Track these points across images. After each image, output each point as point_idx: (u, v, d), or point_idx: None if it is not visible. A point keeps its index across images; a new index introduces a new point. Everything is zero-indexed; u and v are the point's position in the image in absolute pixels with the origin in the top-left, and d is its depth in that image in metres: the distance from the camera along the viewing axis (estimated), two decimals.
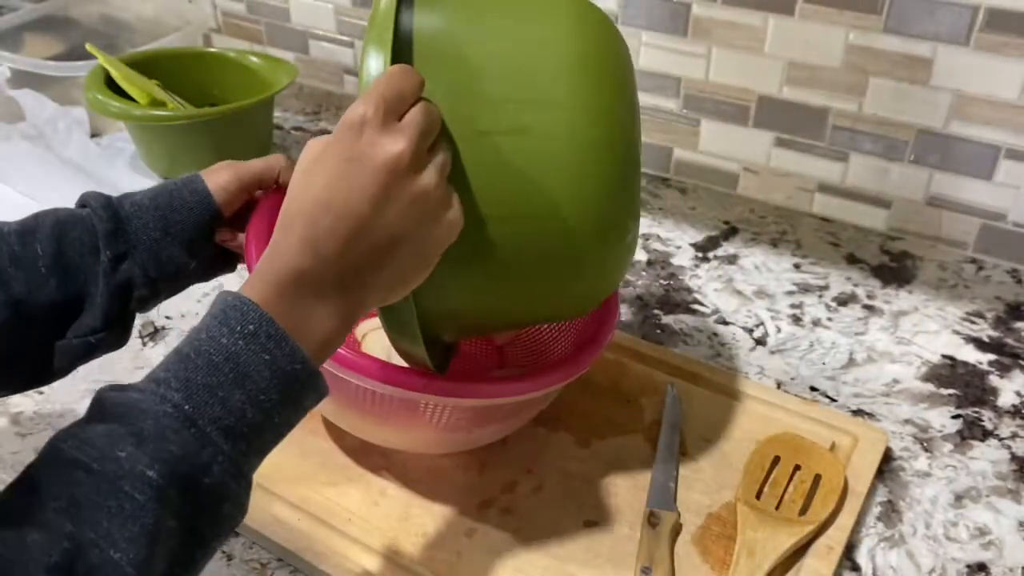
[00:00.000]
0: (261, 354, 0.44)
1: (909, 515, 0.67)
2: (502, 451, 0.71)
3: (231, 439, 0.43)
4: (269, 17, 1.33)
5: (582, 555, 0.63)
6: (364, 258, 0.47)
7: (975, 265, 0.95)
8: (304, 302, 0.46)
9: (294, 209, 0.47)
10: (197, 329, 0.45)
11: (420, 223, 0.47)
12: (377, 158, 0.45)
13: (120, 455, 0.40)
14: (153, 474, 0.40)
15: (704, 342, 0.84)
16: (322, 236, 0.46)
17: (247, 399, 0.43)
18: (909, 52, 0.89)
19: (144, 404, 0.42)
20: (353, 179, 0.45)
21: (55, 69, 1.13)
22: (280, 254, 0.46)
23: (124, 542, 0.39)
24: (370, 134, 0.45)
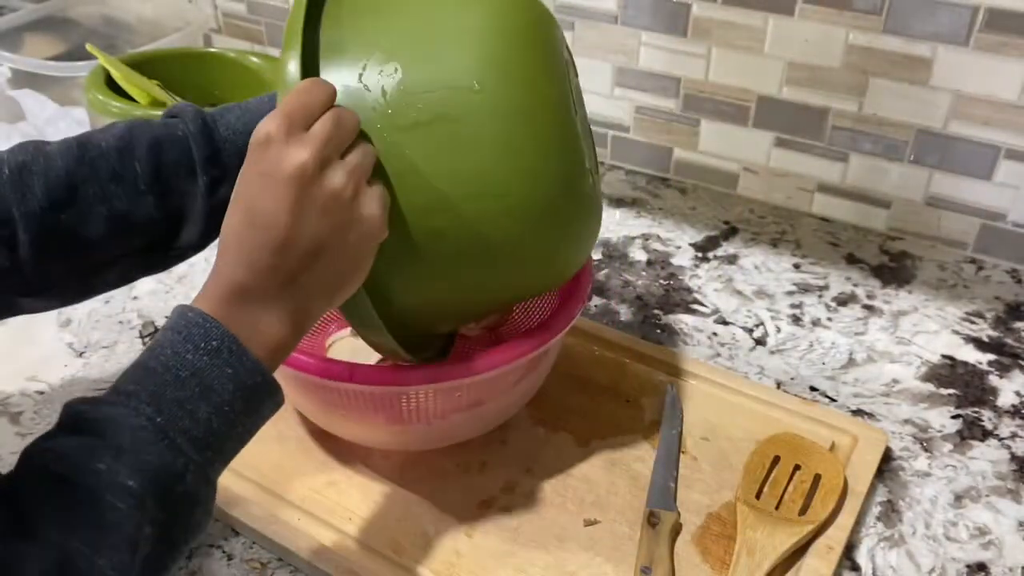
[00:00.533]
0: (224, 368, 0.46)
1: (909, 515, 0.67)
2: (502, 451, 0.71)
3: (199, 449, 0.45)
4: (269, 17, 1.33)
5: (582, 555, 0.63)
6: (296, 266, 0.48)
7: (975, 265, 0.95)
8: (251, 313, 0.48)
9: (226, 227, 0.49)
10: (160, 343, 0.47)
11: (338, 226, 0.49)
12: (284, 170, 0.47)
13: (100, 467, 0.42)
14: (133, 484, 0.42)
15: (704, 342, 0.84)
16: (252, 250, 0.48)
17: (213, 411, 0.46)
18: (909, 52, 0.89)
19: (119, 418, 0.43)
20: (267, 192, 0.47)
21: (55, 69, 1.13)
22: (221, 271, 0.49)
23: (108, 549, 0.41)
24: (276, 148, 0.47)
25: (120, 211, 0.58)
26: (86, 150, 0.58)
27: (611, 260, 0.96)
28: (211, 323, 0.47)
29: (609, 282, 0.92)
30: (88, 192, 0.57)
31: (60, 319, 0.86)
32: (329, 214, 0.48)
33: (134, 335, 0.84)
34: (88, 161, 0.57)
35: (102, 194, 0.57)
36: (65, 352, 0.82)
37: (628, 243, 0.98)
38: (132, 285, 0.91)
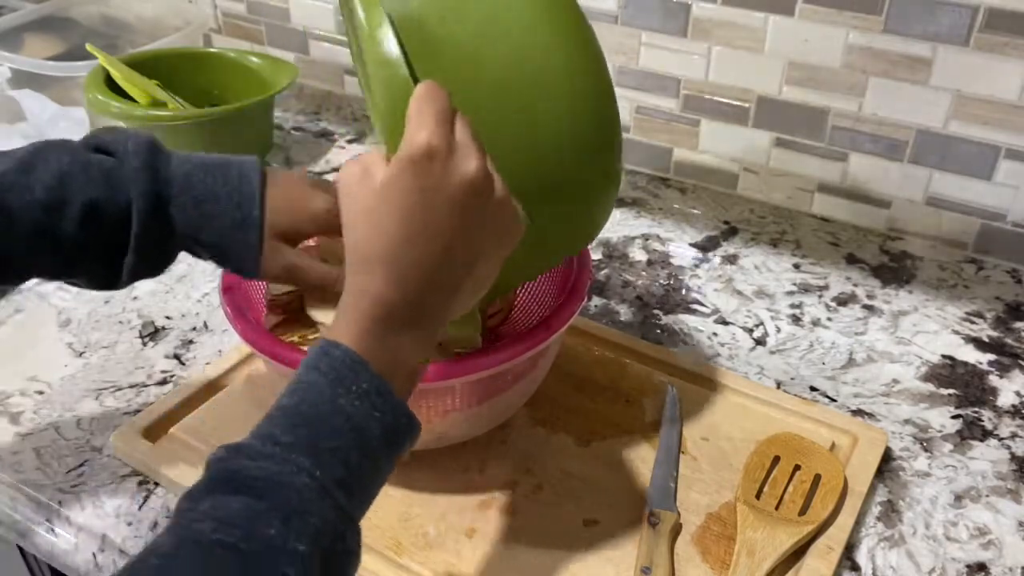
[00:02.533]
0: (373, 412, 0.44)
1: (909, 515, 0.67)
2: (502, 451, 0.71)
3: (350, 498, 0.43)
4: (269, 17, 1.33)
5: (582, 555, 0.63)
6: (448, 282, 0.47)
7: (975, 265, 0.95)
8: (395, 339, 0.46)
9: (369, 250, 0.46)
10: (308, 385, 0.44)
11: (499, 236, 0.48)
12: (455, 184, 0.45)
13: (269, 532, 0.39)
14: (304, 548, 0.40)
15: (704, 342, 0.84)
16: (407, 270, 0.46)
17: (362, 456, 0.44)
18: (909, 52, 0.89)
19: (283, 476, 0.41)
20: (432, 210, 0.45)
21: (55, 69, 1.13)
22: (365, 295, 0.46)
23: None
24: (441, 162, 0.45)
25: (41, 264, 0.57)
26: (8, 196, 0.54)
27: (611, 260, 0.96)
28: (359, 364, 0.45)
29: (609, 282, 0.92)
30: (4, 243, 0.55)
31: (60, 319, 0.86)
32: (492, 227, 0.47)
33: (134, 335, 0.84)
34: (7, 213, 0.54)
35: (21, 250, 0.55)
36: (65, 352, 0.82)
37: (628, 243, 0.98)
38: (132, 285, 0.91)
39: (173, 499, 0.68)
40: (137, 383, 0.78)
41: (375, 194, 0.46)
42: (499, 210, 0.47)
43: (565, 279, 0.69)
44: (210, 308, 0.88)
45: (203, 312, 0.87)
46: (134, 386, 0.78)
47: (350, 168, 0.48)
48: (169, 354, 0.82)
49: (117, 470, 0.70)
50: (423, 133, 0.45)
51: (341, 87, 1.33)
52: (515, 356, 0.61)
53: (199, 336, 0.84)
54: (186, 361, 0.81)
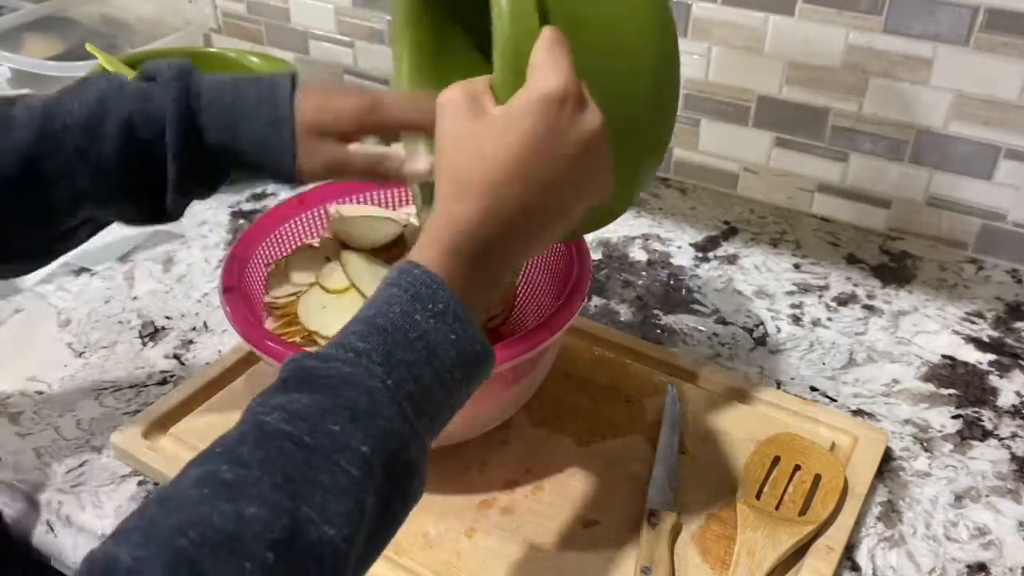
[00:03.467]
0: (448, 334, 0.44)
1: (909, 515, 0.67)
2: (502, 451, 0.71)
3: (419, 415, 0.43)
4: (269, 17, 1.33)
5: (582, 555, 0.63)
6: (540, 224, 0.47)
7: (975, 265, 0.95)
8: (476, 272, 0.46)
9: (472, 173, 0.46)
10: (385, 300, 0.45)
11: (594, 191, 0.49)
12: (579, 134, 0.46)
13: (333, 429, 0.40)
14: (367, 449, 0.40)
15: (704, 342, 0.84)
16: (506, 204, 0.46)
17: (435, 377, 0.44)
18: (909, 52, 0.89)
19: (354, 378, 0.42)
20: (550, 152, 0.46)
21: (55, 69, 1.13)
22: (458, 220, 0.46)
23: (337, 518, 0.38)
24: (571, 108, 0.46)
25: (85, 189, 0.56)
26: (51, 121, 0.55)
27: (611, 260, 0.96)
28: (438, 283, 0.45)
29: (609, 282, 0.92)
30: (50, 169, 0.55)
31: (60, 319, 0.86)
32: (592, 184, 0.49)
33: (134, 335, 0.84)
34: (51, 134, 0.55)
35: (65, 172, 0.55)
36: (65, 352, 0.82)
37: (628, 243, 0.98)
38: (132, 285, 0.91)
39: None
40: (137, 383, 0.78)
41: (490, 124, 0.46)
42: (604, 168, 0.49)
43: (565, 279, 0.69)
44: (210, 308, 0.88)
45: (203, 312, 0.87)
46: (134, 386, 0.78)
47: (455, 92, 0.48)
48: (169, 354, 0.82)
49: (117, 470, 0.70)
50: (560, 76, 0.45)
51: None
52: (515, 356, 0.61)
53: (199, 336, 0.84)
54: (186, 361, 0.81)
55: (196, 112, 0.57)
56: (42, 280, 0.91)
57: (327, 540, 0.38)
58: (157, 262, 0.94)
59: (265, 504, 0.37)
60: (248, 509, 0.36)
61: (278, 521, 0.36)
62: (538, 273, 0.76)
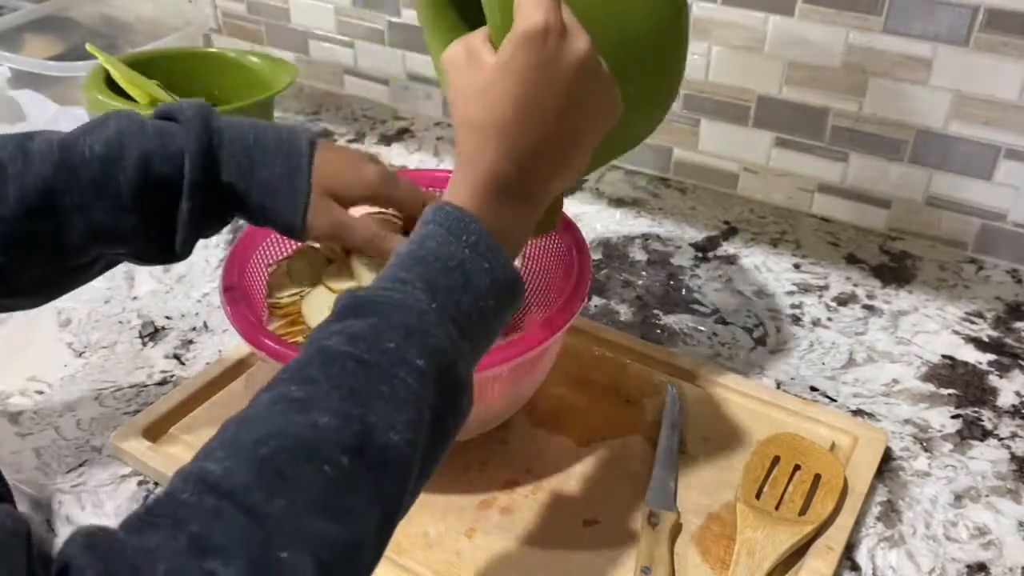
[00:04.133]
0: (482, 263, 0.47)
1: (909, 515, 0.67)
2: (502, 451, 0.71)
3: (464, 338, 0.46)
4: (269, 17, 1.33)
5: (582, 555, 0.63)
6: (555, 157, 0.50)
7: (975, 265, 0.95)
8: (504, 207, 0.50)
9: (483, 124, 0.49)
10: (422, 236, 0.48)
11: (600, 115, 0.51)
12: (568, 62, 0.47)
13: (389, 346, 0.43)
14: (422, 363, 0.43)
15: (704, 342, 0.84)
16: (518, 144, 0.48)
17: (472, 303, 0.47)
18: (909, 52, 0.89)
19: (403, 301, 0.45)
20: (544, 87, 0.47)
21: (55, 69, 1.13)
22: (479, 164, 0.49)
23: (401, 424, 0.41)
24: (555, 39, 0.47)
25: (100, 223, 0.57)
26: (69, 155, 0.56)
27: (611, 260, 0.96)
28: (468, 217, 0.48)
29: (609, 282, 0.92)
30: (66, 202, 0.56)
31: (60, 319, 0.86)
32: (597, 105, 0.50)
33: (134, 335, 0.84)
34: (69, 168, 0.56)
35: (81, 205, 0.56)
36: (65, 352, 0.82)
37: (628, 243, 0.98)
38: (132, 285, 0.91)
39: None
40: (137, 383, 0.78)
41: (488, 72, 0.48)
42: (604, 88, 0.50)
43: (565, 279, 0.69)
44: (210, 308, 0.88)
45: (203, 312, 0.87)
46: (134, 386, 0.78)
47: (455, 49, 0.50)
48: (169, 354, 0.82)
49: (117, 470, 0.70)
50: (539, 12, 0.47)
51: (341, 87, 1.33)
52: (515, 356, 0.61)
53: (199, 336, 0.84)
54: (186, 361, 0.81)
55: (216, 148, 0.59)
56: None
57: (393, 444, 0.41)
58: None
59: (336, 414, 0.40)
60: (321, 419, 0.39)
61: (348, 428, 0.40)
62: (539, 273, 0.76)
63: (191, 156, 0.58)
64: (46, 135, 0.58)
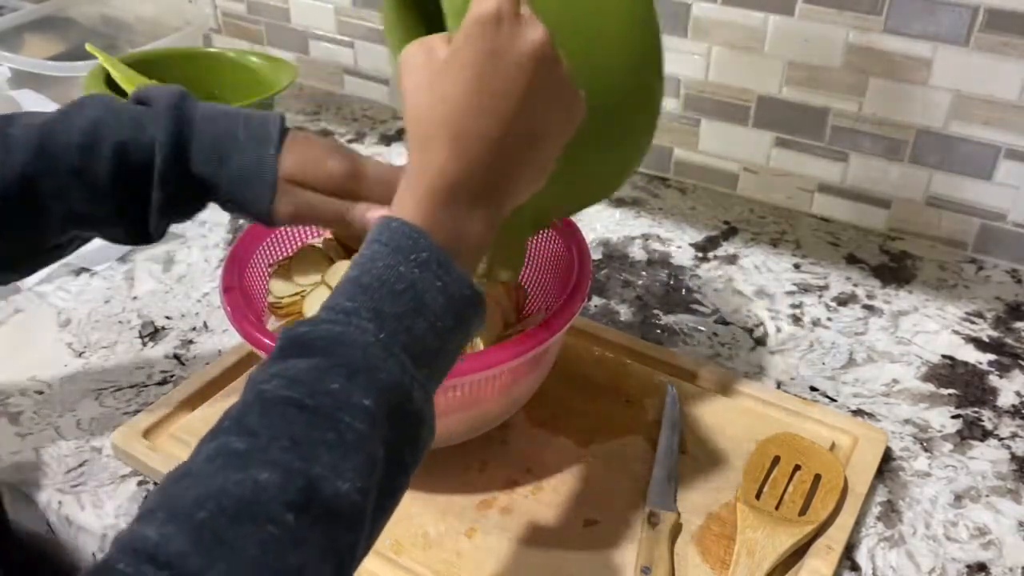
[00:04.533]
0: (434, 281, 0.44)
1: (909, 515, 0.67)
2: (502, 451, 0.71)
3: (419, 365, 0.44)
4: (269, 17, 1.33)
5: (582, 555, 0.63)
6: (512, 156, 0.47)
7: (975, 265, 0.95)
8: (458, 214, 0.46)
9: (432, 119, 0.46)
10: (367, 258, 0.45)
11: (562, 113, 0.48)
12: (522, 49, 0.45)
13: (333, 387, 0.40)
14: (369, 403, 0.40)
15: (704, 342, 0.84)
16: (470, 140, 0.45)
17: (427, 326, 0.44)
18: (909, 52, 0.89)
19: (346, 336, 0.42)
20: (497, 75, 0.45)
21: (55, 69, 1.13)
22: (428, 168, 0.46)
23: (350, 472, 0.39)
24: (508, 26, 0.45)
25: (77, 209, 0.57)
26: (49, 142, 0.56)
27: (611, 260, 0.96)
28: (417, 233, 0.45)
29: (609, 282, 0.92)
30: (44, 189, 0.57)
31: (60, 319, 0.86)
32: (557, 98, 0.47)
33: (134, 335, 0.84)
34: (48, 156, 0.56)
35: (59, 192, 0.57)
36: (65, 352, 0.82)
37: (628, 243, 0.98)
38: (132, 285, 0.91)
39: None
40: (137, 383, 0.78)
41: (439, 66, 0.46)
42: (563, 85, 0.47)
43: (565, 279, 0.69)
44: (210, 308, 0.88)
45: (203, 312, 0.87)
46: (134, 386, 0.78)
47: (413, 48, 0.48)
48: (169, 354, 0.82)
49: (117, 470, 0.70)
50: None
51: (341, 87, 1.33)
52: (515, 356, 0.61)
53: (199, 336, 0.84)
54: (186, 361, 0.81)
55: (187, 140, 0.58)
56: (42, 280, 0.91)
57: (343, 494, 0.38)
58: (157, 262, 0.94)
59: (277, 468, 0.37)
60: (261, 475, 0.37)
61: (292, 483, 0.37)
62: (539, 273, 0.76)
63: (161, 147, 0.57)
64: (24, 119, 0.58)
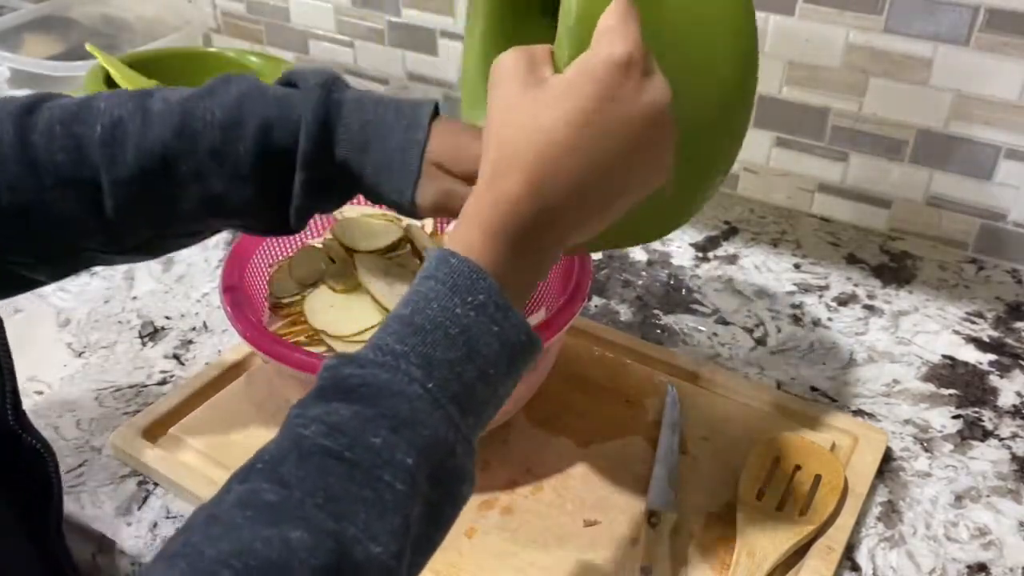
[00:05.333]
0: (490, 326, 0.42)
1: (909, 515, 0.67)
2: (502, 451, 0.71)
3: (465, 416, 0.41)
4: (269, 17, 1.33)
5: (582, 555, 0.63)
6: (587, 206, 0.44)
7: (975, 265, 0.95)
8: (517, 253, 0.43)
9: (515, 149, 0.43)
10: (422, 295, 0.42)
11: (652, 175, 0.46)
12: (642, 107, 0.43)
13: (375, 441, 0.38)
14: (411, 461, 0.38)
15: (704, 342, 0.84)
16: (556, 181, 0.42)
17: (477, 374, 0.41)
18: (909, 52, 0.89)
19: (393, 385, 0.39)
20: (611, 122, 0.43)
21: (55, 69, 1.13)
22: (501, 200, 0.43)
23: (384, 535, 0.37)
24: (637, 78, 0.43)
25: (215, 192, 0.54)
26: (189, 119, 0.54)
27: (611, 260, 0.96)
28: (476, 272, 0.42)
29: (609, 282, 0.92)
30: (183, 169, 0.54)
31: (60, 319, 0.86)
32: (655, 162, 0.45)
33: (134, 335, 0.84)
34: (189, 133, 0.53)
35: (198, 172, 0.54)
36: (65, 352, 0.82)
37: None
38: (132, 285, 0.91)
39: (173, 499, 0.68)
40: (137, 383, 0.78)
41: (548, 92, 0.43)
42: (667, 147, 0.45)
43: (566, 279, 0.69)
44: (210, 308, 0.88)
45: (203, 312, 0.87)
46: (134, 386, 0.78)
47: (513, 56, 0.45)
48: (169, 354, 0.82)
49: (117, 470, 0.70)
50: (626, 43, 0.43)
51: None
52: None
53: (199, 336, 0.84)
54: (186, 361, 0.81)
55: (333, 123, 0.55)
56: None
57: (375, 558, 0.36)
58: (157, 262, 0.94)
59: (309, 527, 0.35)
60: (292, 533, 0.35)
61: (323, 545, 0.35)
62: None
63: (307, 126, 0.54)
64: (164, 93, 0.55)
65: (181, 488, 0.67)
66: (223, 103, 0.54)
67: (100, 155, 0.53)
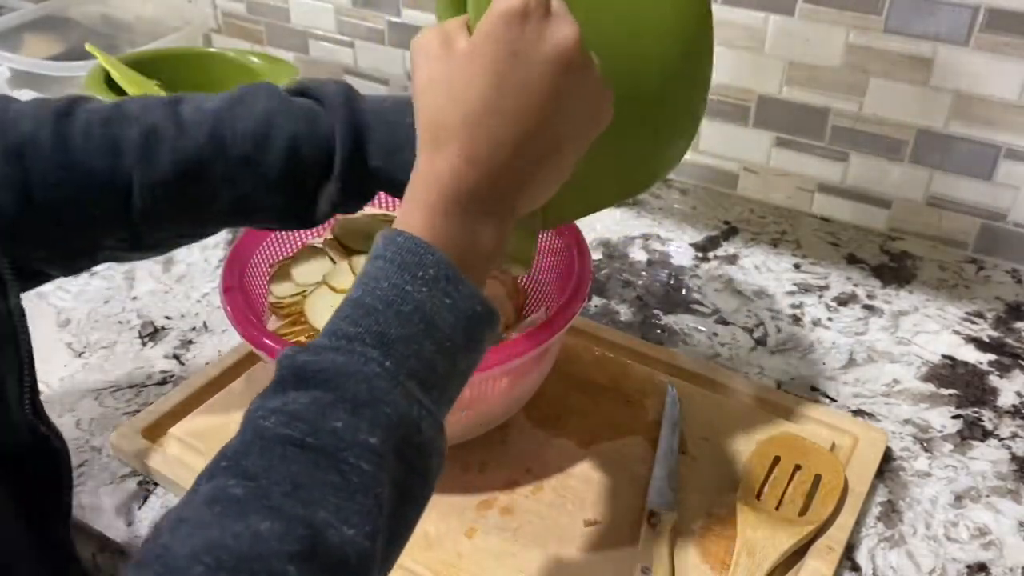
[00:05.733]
0: (443, 299, 0.42)
1: (909, 515, 0.67)
2: (502, 451, 0.71)
3: (427, 391, 0.41)
4: (269, 17, 1.33)
5: (582, 555, 0.63)
6: (530, 162, 0.44)
7: (975, 265, 0.95)
8: (469, 224, 0.43)
9: (444, 121, 0.43)
10: (371, 276, 0.42)
11: (586, 116, 0.45)
12: (547, 51, 0.42)
13: (336, 425, 0.38)
14: (375, 441, 0.38)
15: (704, 342, 0.84)
16: (486, 145, 0.43)
17: (435, 348, 0.41)
18: (909, 52, 0.89)
19: (350, 367, 0.39)
20: (522, 75, 0.42)
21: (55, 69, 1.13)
22: (439, 175, 0.43)
23: (356, 517, 0.37)
24: (535, 24, 0.42)
25: (245, 195, 0.56)
26: (220, 127, 0.55)
27: (611, 260, 0.96)
28: (423, 247, 0.42)
29: (609, 282, 0.92)
30: (215, 172, 0.55)
31: (60, 319, 0.86)
32: (583, 103, 0.44)
33: (133, 335, 0.84)
34: (220, 141, 0.54)
35: (230, 177, 0.55)
36: (65, 352, 0.82)
37: (628, 243, 0.98)
38: (132, 285, 0.91)
39: (173, 499, 0.68)
40: (137, 383, 0.78)
41: (457, 60, 0.43)
42: (590, 89, 0.44)
43: (565, 280, 0.69)
44: (210, 308, 0.88)
45: (203, 312, 0.87)
46: (134, 386, 0.78)
47: (428, 35, 0.45)
48: (169, 354, 0.82)
49: (117, 470, 0.70)
50: None
51: None
52: (515, 356, 0.61)
53: (199, 336, 0.84)
54: (186, 361, 0.81)
55: (364, 135, 0.56)
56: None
57: (348, 540, 0.36)
58: (157, 262, 0.94)
59: (278, 516, 0.35)
60: (262, 524, 0.35)
61: (294, 532, 0.35)
62: (539, 273, 0.76)
63: (342, 142, 0.55)
64: (194, 102, 0.56)
65: (181, 488, 0.67)
66: (253, 114, 0.55)
67: (136, 157, 0.54)
